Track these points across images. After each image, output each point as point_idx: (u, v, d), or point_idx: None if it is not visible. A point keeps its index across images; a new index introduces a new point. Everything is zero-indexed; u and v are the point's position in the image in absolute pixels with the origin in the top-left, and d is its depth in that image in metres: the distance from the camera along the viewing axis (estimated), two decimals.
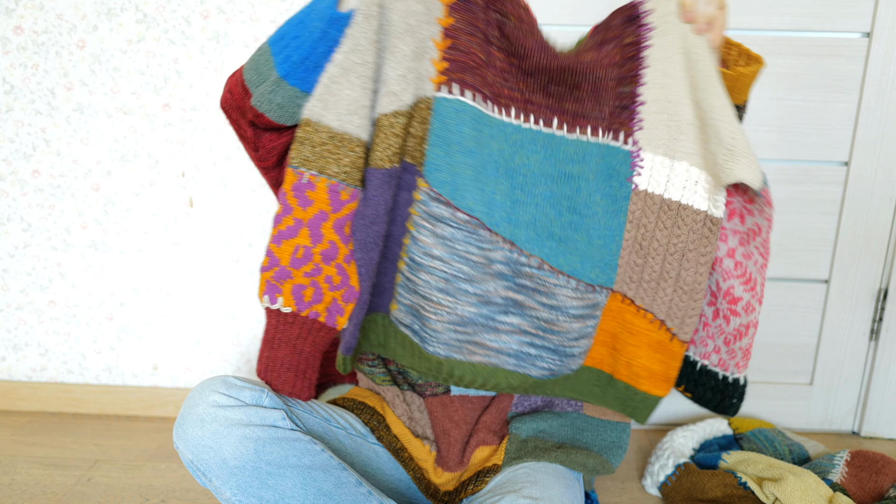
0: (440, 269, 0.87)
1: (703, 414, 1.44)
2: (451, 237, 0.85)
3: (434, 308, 0.88)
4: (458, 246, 0.86)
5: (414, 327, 0.92)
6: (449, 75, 0.83)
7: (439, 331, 0.89)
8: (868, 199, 1.32)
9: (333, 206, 0.86)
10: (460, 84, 0.83)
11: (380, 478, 0.98)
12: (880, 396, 1.40)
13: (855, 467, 1.13)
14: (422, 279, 0.87)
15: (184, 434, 0.80)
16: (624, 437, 1.06)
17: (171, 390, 1.49)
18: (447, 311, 0.88)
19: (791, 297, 1.38)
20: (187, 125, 1.36)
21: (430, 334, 0.90)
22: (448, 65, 0.83)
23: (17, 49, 1.33)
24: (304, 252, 0.86)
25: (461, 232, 0.85)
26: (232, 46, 1.31)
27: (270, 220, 1.40)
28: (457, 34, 0.83)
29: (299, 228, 0.86)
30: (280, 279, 0.87)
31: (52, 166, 1.39)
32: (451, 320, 0.89)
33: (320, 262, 0.87)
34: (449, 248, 0.86)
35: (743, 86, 0.90)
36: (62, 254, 1.44)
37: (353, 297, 0.89)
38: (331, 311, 0.89)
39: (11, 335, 1.49)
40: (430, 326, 0.89)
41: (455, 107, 0.83)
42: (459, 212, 0.85)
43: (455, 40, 0.83)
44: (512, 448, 0.99)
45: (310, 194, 0.85)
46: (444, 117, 0.83)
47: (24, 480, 1.23)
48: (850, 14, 1.24)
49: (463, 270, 0.87)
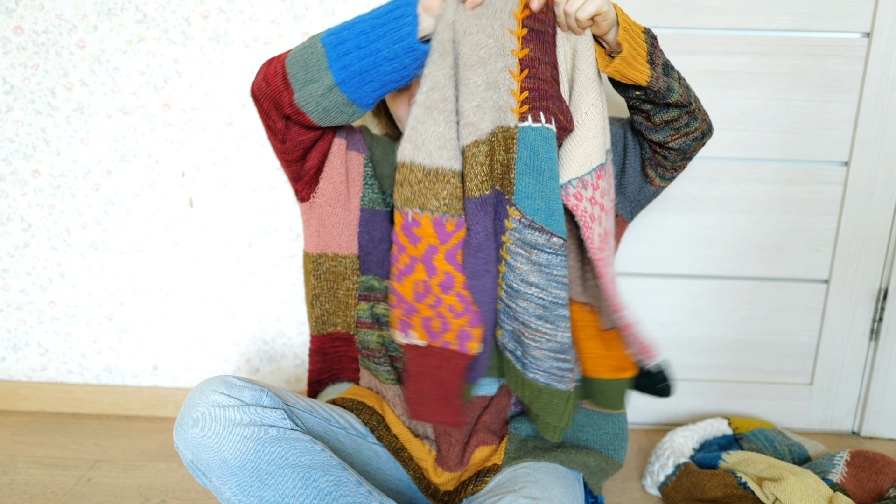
0: (538, 297, 0.87)
1: (703, 414, 1.44)
2: (548, 263, 0.85)
3: (533, 335, 0.88)
4: (556, 272, 0.86)
5: (517, 353, 0.93)
6: (532, 104, 0.83)
7: (539, 358, 0.89)
8: (868, 199, 1.32)
9: (441, 238, 0.89)
10: (544, 112, 0.83)
11: (380, 477, 0.98)
12: (880, 396, 1.40)
13: (855, 467, 1.13)
14: (520, 306, 0.88)
15: (184, 434, 0.80)
16: (624, 427, 1.06)
17: (171, 390, 1.49)
18: (546, 339, 0.88)
19: (791, 297, 1.38)
20: (187, 125, 1.36)
21: (531, 361, 0.90)
22: (528, 94, 0.83)
23: (18, 49, 1.33)
24: (423, 286, 0.90)
25: (557, 257, 0.85)
26: (232, 46, 1.31)
27: (269, 221, 1.40)
28: (534, 64, 0.83)
29: (415, 265, 0.89)
30: (408, 314, 0.91)
31: (52, 166, 1.39)
32: (552, 347, 0.89)
33: (439, 293, 0.90)
34: (546, 274, 0.86)
35: (622, 73, 0.85)
36: (62, 254, 1.44)
37: (479, 321, 0.91)
38: (460, 338, 0.91)
39: (11, 335, 1.49)
40: (531, 353, 0.90)
41: (543, 135, 0.83)
42: (555, 237, 0.85)
43: (533, 69, 0.83)
44: (512, 448, 0.99)
45: (417, 231, 0.89)
46: (533, 145, 0.83)
47: (24, 480, 1.23)
48: (850, 14, 1.24)
49: (560, 296, 0.87)
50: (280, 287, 1.44)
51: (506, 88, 0.84)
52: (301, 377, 1.49)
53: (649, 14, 1.26)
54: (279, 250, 1.42)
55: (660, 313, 1.41)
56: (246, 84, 1.33)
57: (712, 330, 1.41)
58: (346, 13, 1.29)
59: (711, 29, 1.27)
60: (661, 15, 1.26)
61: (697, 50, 1.27)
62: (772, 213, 1.34)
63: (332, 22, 1.29)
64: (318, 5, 1.29)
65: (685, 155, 0.97)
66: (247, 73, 1.32)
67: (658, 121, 0.90)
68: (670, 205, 1.35)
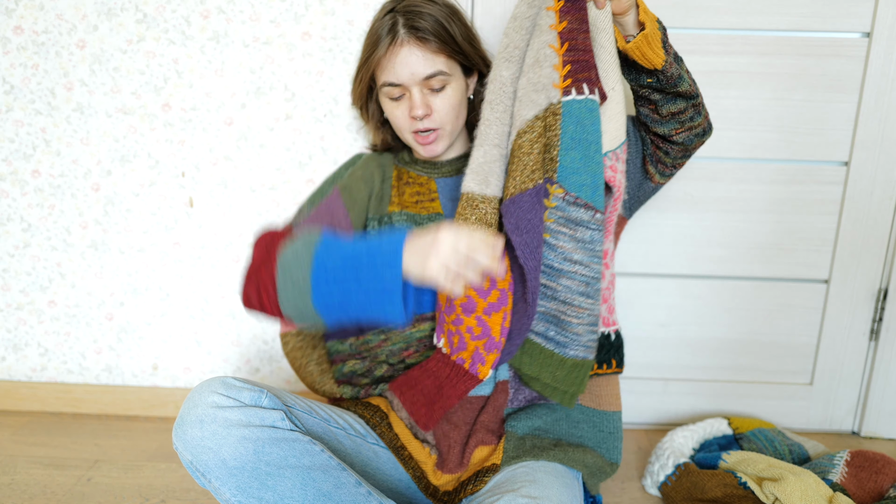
0: (581, 274, 0.86)
1: (703, 414, 1.44)
2: (591, 239, 0.85)
3: (576, 312, 0.88)
4: (597, 247, 0.86)
5: (549, 334, 0.92)
6: (575, 77, 0.82)
7: (580, 334, 0.89)
8: (868, 198, 1.32)
9: None
10: (588, 83, 0.82)
11: (379, 478, 0.98)
12: (880, 396, 1.40)
13: (855, 467, 1.13)
14: (563, 285, 0.87)
15: (183, 435, 0.80)
16: (619, 426, 1.07)
17: (171, 390, 1.49)
18: (588, 314, 0.88)
19: (791, 297, 1.38)
20: (187, 125, 1.36)
21: (572, 338, 0.90)
22: (571, 67, 0.82)
23: (17, 49, 1.33)
24: (448, 303, 0.93)
25: (598, 233, 0.85)
26: (232, 46, 1.31)
27: (269, 221, 1.40)
28: (573, 35, 0.83)
29: None
30: (441, 322, 0.94)
31: (52, 166, 1.39)
32: (590, 321, 0.89)
33: (461, 313, 0.92)
34: (589, 250, 0.86)
35: (641, 53, 0.85)
36: (62, 254, 1.44)
37: (494, 347, 0.92)
38: (474, 359, 0.93)
39: (11, 335, 1.49)
40: (573, 331, 0.89)
41: (588, 106, 0.82)
42: (598, 213, 0.84)
43: (573, 41, 0.83)
44: (510, 447, 0.99)
45: None
46: (579, 118, 0.82)
47: (24, 480, 1.23)
48: (850, 14, 1.24)
49: (599, 271, 0.87)
50: None
51: (549, 64, 0.84)
52: None
53: None
54: None
55: (660, 313, 1.41)
56: (246, 84, 1.33)
57: (712, 330, 1.41)
58: (346, 13, 1.29)
59: (711, 29, 1.27)
60: (661, 15, 1.26)
61: (697, 50, 1.27)
62: (772, 213, 1.34)
63: (332, 22, 1.29)
64: (318, 5, 1.29)
65: (686, 151, 0.98)
66: (247, 72, 1.32)
67: (665, 112, 0.91)
68: (670, 205, 1.35)
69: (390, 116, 1.06)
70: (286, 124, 1.35)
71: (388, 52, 0.99)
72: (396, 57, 0.99)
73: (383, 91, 1.04)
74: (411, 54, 0.99)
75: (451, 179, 1.11)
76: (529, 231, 0.85)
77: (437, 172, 1.12)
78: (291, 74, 1.32)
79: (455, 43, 1.01)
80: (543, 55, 0.84)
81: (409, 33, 0.98)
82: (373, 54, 1.01)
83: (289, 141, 1.36)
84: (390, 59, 0.99)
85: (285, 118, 1.35)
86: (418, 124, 1.03)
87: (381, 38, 0.99)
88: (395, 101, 1.04)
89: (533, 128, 0.85)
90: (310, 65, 1.32)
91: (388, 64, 1.00)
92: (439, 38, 0.99)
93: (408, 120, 1.04)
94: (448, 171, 1.11)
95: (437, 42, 0.99)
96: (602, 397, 1.05)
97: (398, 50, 0.99)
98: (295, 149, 1.36)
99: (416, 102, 1.01)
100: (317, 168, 1.37)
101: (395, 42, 0.98)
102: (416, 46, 0.99)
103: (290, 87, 1.33)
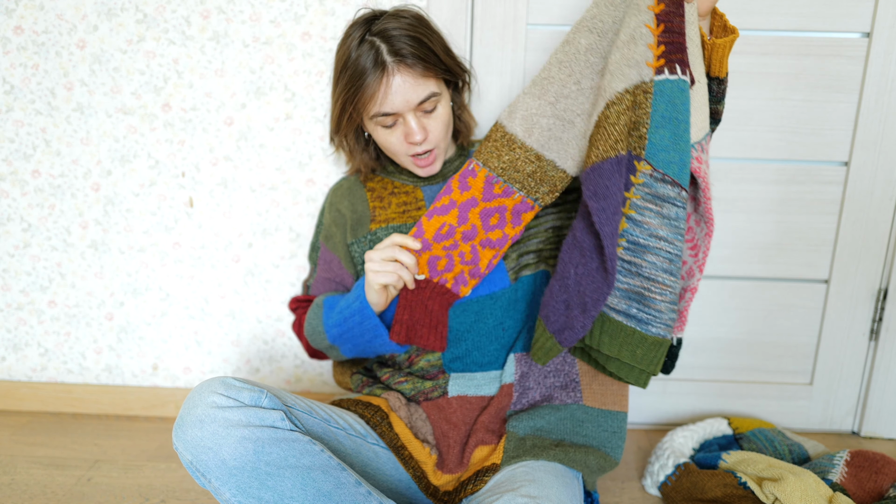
0: (666, 250, 0.87)
1: (703, 414, 1.44)
2: (676, 216, 0.87)
3: (660, 289, 0.89)
4: (681, 224, 0.87)
5: (631, 312, 0.91)
6: (668, 57, 0.85)
7: (663, 311, 0.90)
8: (868, 199, 1.32)
9: (485, 195, 1.03)
10: (680, 64, 0.84)
11: (379, 478, 0.98)
12: (880, 396, 1.40)
13: (855, 467, 1.13)
14: (648, 261, 0.88)
15: (183, 435, 0.80)
16: (623, 426, 1.06)
17: (171, 390, 1.49)
18: (671, 291, 0.89)
19: (791, 297, 1.38)
20: (187, 125, 1.36)
21: (655, 315, 0.90)
22: (665, 48, 0.85)
23: (18, 49, 1.33)
24: (448, 228, 1.03)
25: (684, 210, 0.87)
26: (232, 46, 1.31)
27: (269, 221, 1.40)
28: (670, 18, 0.85)
29: (451, 209, 1.03)
30: (427, 258, 1.03)
31: (51, 166, 1.39)
32: (672, 299, 0.90)
33: (459, 239, 1.03)
34: (674, 227, 0.87)
35: (719, 56, 0.90)
36: (62, 254, 1.44)
37: (477, 274, 1.04)
38: (457, 280, 1.03)
39: (11, 335, 1.49)
40: (655, 307, 0.90)
41: (679, 86, 0.84)
42: (684, 190, 0.86)
43: (668, 24, 0.85)
44: (510, 447, 0.99)
45: (470, 181, 1.03)
46: (671, 97, 0.84)
47: (23, 480, 1.23)
48: (850, 14, 1.24)
49: (681, 248, 0.88)
50: (280, 287, 1.44)
51: (644, 42, 0.86)
52: (301, 377, 1.49)
53: None
54: (279, 250, 1.42)
55: None
56: (246, 84, 1.33)
57: (712, 330, 1.41)
58: (346, 13, 1.29)
59: None
60: None
61: None
62: (772, 213, 1.34)
63: (331, 22, 1.29)
64: (318, 5, 1.29)
65: None
66: (247, 72, 1.32)
67: None
68: None
69: (384, 143, 1.05)
70: (286, 124, 1.35)
71: (380, 84, 0.97)
72: (390, 88, 0.97)
73: (375, 121, 1.02)
74: (404, 83, 0.97)
75: (436, 186, 1.12)
76: (607, 198, 0.86)
77: (424, 181, 1.13)
78: (291, 74, 1.32)
79: (438, 60, 1.01)
80: (640, 33, 0.87)
81: (396, 61, 0.97)
82: (361, 89, 0.98)
83: (289, 141, 1.36)
84: (384, 91, 0.98)
85: (285, 118, 1.35)
86: (417, 148, 1.03)
87: (368, 71, 0.97)
88: (388, 129, 1.03)
89: (622, 100, 0.87)
90: (310, 65, 1.32)
91: (380, 96, 0.98)
92: (425, 59, 0.98)
93: (404, 145, 1.03)
94: (434, 179, 1.13)
95: (423, 65, 0.98)
96: (607, 396, 1.05)
97: (390, 80, 0.97)
98: (295, 149, 1.36)
99: (414, 129, 1.00)
100: (316, 168, 1.37)
101: (385, 73, 0.96)
102: (407, 74, 0.97)
103: (290, 87, 1.33)
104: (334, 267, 1.17)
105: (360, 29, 1.00)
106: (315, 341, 1.12)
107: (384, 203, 1.12)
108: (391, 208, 1.11)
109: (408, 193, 1.12)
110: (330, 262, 1.18)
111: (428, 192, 1.11)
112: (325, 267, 1.19)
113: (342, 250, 1.16)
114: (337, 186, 1.20)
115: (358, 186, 1.16)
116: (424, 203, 1.10)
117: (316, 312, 1.11)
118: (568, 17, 1.28)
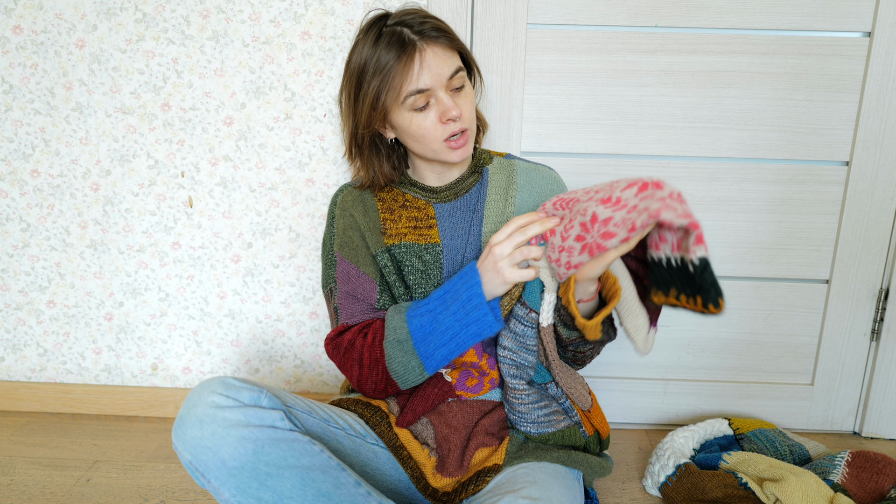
0: (510, 359, 0.99)
1: (703, 414, 1.44)
2: (523, 333, 0.99)
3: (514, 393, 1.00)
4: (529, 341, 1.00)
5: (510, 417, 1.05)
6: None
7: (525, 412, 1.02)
8: (869, 199, 1.31)
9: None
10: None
11: (379, 478, 0.98)
12: (881, 397, 1.40)
13: (856, 468, 1.13)
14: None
15: (182, 435, 0.80)
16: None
17: (171, 390, 1.49)
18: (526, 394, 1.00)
19: (792, 298, 1.38)
20: (187, 125, 1.35)
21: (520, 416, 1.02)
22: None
23: (16, 48, 1.32)
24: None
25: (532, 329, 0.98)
26: (231, 46, 1.31)
27: (268, 221, 1.40)
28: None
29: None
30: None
31: (51, 166, 1.38)
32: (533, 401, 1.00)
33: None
34: (519, 341, 1.00)
35: (587, 329, 0.90)
36: (61, 254, 1.43)
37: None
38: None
39: (10, 335, 1.49)
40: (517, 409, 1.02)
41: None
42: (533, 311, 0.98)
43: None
44: (513, 448, 0.99)
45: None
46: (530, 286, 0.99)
47: (23, 481, 1.22)
48: (851, 13, 1.24)
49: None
50: (280, 287, 1.44)
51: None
52: (301, 377, 1.49)
53: (649, 13, 1.26)
54: (279, 250, 1.42)
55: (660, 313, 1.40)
56: (245, 84, 1.33)
57: (712, 330, 1.41)
58: (346, 13, 1.28)
59: (712, 28, 1.27)
60: (662, 15, 1.26)
61: (698, 49, 1.27)
62: (772, 213, 1.34)
63: (331, 21, 1.29)
64: (317, 5, 1.28)
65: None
66: (246, 72, 1.32)
67: (567, 346, 0.99)
68: None
69: (417, 130, 0.99)
70: (286, 124, 1.35)
71: (412, 61, 0.94)
72: (424, 62, 0.95)
73: (406, 105, 0.97)
74: (435, 56, 0.95)
75: (448, 205, 1.07)
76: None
77: (436, 197, 1.07)
78: (291, 74, 1.32)
79: (456, 36, 1.00)
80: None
81: (423, 38, 0.95)
82: (392, 72, 0.95)
83: (289, 141, 1.35)
84: (417, 68, 0.95)
85: (285, 118, 1.34)
86: (453, 126, 0.98)
87: (395, 55, 0.94)
88: (421, 112, 0.98)
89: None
90: (309, 64, 1.31)
91: (414, 73, 0.95)
92: (448, 33, 0.97)
93: (439, 127, 0.98)
94: (446, 196, 1.07)
95: (446, 38, 0.96)
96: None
97: (423, 56, 0.94)
98: (295, 149, 1.36)
99: (449, 104, 0.96)
100: (316, 168, 1.36)
101: (415, 50, 0.94)
102: (437, 46, 0.95)
103: (290, 87, 1.33)
104: (358, 281, 1.06)
105: (374, 28, 0.98)
106: (392, 349, 0.98)
107: (395, 216, 1.07)
108: (401, 222, 1.06)
109: (419, 209, 1.07)
110: (351, 277, 1.06)
111: (439, 210, 1.06)
112: (348, 284, 1.07)
113: (363, 256, 1.06)
114: (346, 193, 1.11)
115: (368, 194, 1.09)
116: (436, 221, 1.06)
117: (392, 316, 1.00)
118: (568, 17, 1.28)
